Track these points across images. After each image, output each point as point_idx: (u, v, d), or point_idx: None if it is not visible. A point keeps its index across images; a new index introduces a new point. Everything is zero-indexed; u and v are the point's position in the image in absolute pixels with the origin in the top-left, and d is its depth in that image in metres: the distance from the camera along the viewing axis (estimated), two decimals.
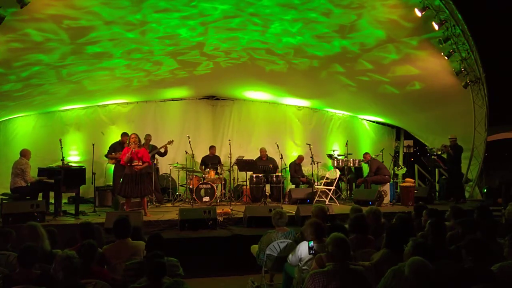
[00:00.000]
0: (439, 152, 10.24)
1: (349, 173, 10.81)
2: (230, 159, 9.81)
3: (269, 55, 8.58)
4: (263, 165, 10.08)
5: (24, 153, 7.91)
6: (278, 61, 8.87)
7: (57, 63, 7.51)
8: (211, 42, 7.81)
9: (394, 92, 9.89)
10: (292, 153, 11.75)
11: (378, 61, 8.56)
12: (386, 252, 3.77)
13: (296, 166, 11.02)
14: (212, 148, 10.73)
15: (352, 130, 12.60)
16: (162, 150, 9.69)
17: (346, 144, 10.69)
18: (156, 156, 9.74)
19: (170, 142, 9.59)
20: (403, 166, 11.49)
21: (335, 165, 10.37)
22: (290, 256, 4.53)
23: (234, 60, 8.90)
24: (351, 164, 10.42)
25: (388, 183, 9.95)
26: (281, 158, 10.09)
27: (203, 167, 10.32)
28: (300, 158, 11.07)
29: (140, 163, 7.65)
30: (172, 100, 11.47)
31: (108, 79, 8.99)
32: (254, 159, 10.23)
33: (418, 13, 6.93)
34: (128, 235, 4.39)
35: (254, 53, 8.52)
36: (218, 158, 10.71)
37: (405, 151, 12.20)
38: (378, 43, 7.84)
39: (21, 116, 10.15)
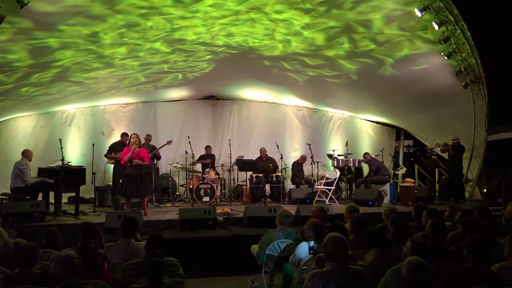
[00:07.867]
0: (439, 149, 10.22)
1: (349, 173, 10.80)
2: (230, 159, 9.80)
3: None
4: (263, 165, 10.07)
5: (26, 154, 7.90)
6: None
7: (55, 64, 7.51)
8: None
9: (394, 92, 9.88)
10: (292, 153, 11.75)
11: (377, 61, 8.56)
12: (378, 251, 3.81)
13: (299, 165, 11.01)
14: (207, 148, 10.73)
15: (352, 130, 12.59)
16: (158, 154, 9.69)
17: (346, 144, 10.68)
18: None
19: (169, 142, 9.61)
20: (403, 166, 11.48)
21: (335, 165, 10.36)
22: (291, 257, 4.53)
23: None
24: (351, 164, 10.42)
25: (388, 183, 9.95)
26: (281, 158, 10.09)
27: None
28: (303, 158, 11.03)
29: (140, 163, 7.67)
30: (172, 100, 11.47)
31: (105, 80, 9.05)
32: (254, 159, 10.23)
33: (418, 13, 6.93)
34: (133, 235, 4.36)
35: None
36: (213, 156, 10.71)
37: (405, 151, 12.17)
38: (379, 43, 7.83)
39: (22, 116, 10.15)
